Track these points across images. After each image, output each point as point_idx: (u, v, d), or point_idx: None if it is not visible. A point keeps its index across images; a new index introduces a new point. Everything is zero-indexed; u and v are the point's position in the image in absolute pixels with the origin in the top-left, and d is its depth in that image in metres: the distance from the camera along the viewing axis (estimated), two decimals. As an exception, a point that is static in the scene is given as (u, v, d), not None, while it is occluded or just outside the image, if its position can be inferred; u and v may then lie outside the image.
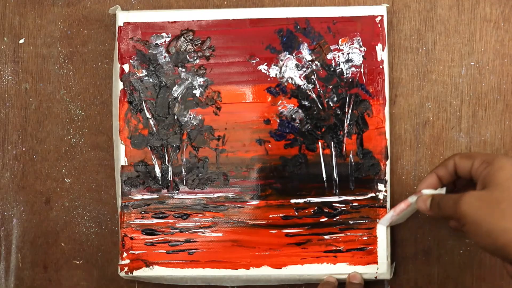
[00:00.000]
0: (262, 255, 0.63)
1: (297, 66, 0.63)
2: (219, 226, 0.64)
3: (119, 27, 0.64)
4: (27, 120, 0.67)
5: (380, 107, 0.63)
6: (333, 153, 0.63)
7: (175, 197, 0.64)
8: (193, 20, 0.64)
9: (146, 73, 0.64)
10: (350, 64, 0.63)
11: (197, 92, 0.64)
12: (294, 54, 0.63)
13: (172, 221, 0.64)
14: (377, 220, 0.62)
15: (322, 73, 0.63)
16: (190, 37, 0.64)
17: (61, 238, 0.67)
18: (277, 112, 0.64)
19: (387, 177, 0.63)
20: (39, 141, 0.67)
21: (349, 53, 0.63)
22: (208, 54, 0.64)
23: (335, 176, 0.63)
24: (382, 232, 0.63)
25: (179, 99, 0.64)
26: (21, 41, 0.67)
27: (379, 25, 0.63)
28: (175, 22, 0.64)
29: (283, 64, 0.63)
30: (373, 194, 0.63)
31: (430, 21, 0.65)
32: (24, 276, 0.67)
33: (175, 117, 0.64)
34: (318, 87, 0.63)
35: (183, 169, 0.64)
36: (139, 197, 0.64)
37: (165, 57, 0.64)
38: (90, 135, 0.67)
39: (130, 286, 0.66)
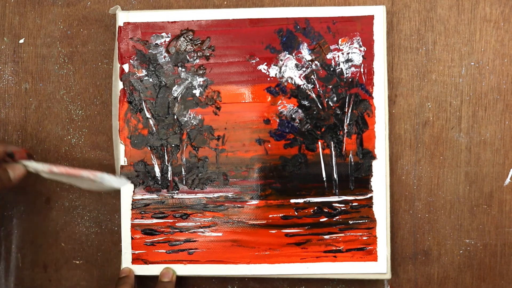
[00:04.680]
0: (262, 255, 0.63)
1: (297, 66, 0.63)
2: (219, 226, 0.64)
3: (119, 27, 0.64)
4: (27, 120, 0.67)
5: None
6: (333, 153, 0.63)
7: (175, 197, 0.64)
8: (193, 20, 0.64)
9: (146, 73, 0.64)
10: (350, 64, 0.63)
11: (196, 92, 0.64)
12: (294, 54, 0.63)
13: (172, 221, 0.64)
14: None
15: (322, 73, 0.63)
16: (190, 37, 0.64)
17: (61, 238, 0.67)
18: (277, 112, 0.64)
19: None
20: (39, 141, 0.67)
21: (349, 53, 0.63)
22: (208, 54, 0.64)
23: (335, 176, 0.63)
24: (382, 232, 0.63)
25: (178, 99, 0.64)
26: (21, 41, 0.67)
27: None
28: (175, 22, 0.64)
29: (283, 64, 0.63)
30: (372, 194, 0.63)
31: (430, 21, 0.65)
32: (24, 276, 0.67)
33: (175, 117, 0.64)
34: (318, 87, 0.63)
35: (183, 169, 0.64)
36: (138, 197, 0.64)
37: (165, 57, 0.64)
38: (90, 135, 0.67)
39: (130, 286, 0.66)
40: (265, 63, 0.64)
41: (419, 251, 0.65)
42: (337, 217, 0.63)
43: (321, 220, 0.63)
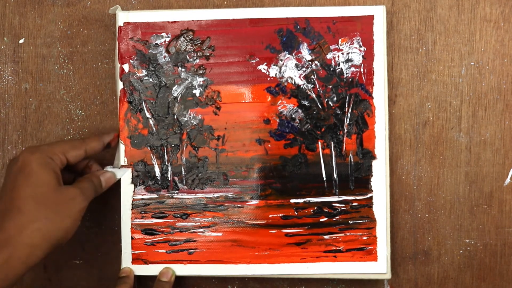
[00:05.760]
0: (262, 255, 0.63)
1: (297, 66, 0.63)
2: (219, 226, 0.64)
3: (119, 27, 0.64)
4: (27, 120, 0.67)
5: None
6: (333, 153, 0.63)
7: (174, 196, 0.64)
8: (193, 20, 0.64)
9: (146, 73, 0.64)
10: (350, 64, 0.63)
11: (196, 92, 0.64)
12: (294, 54, 0.63)
13: (172, 220, 0.64)
14: None
15: (322, 73, 0.63)
16: (190, 37, 0.64)
17: (61, 238, 0.67)
18: (277, 112, 0.64)
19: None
20: (39, 141, 0.67)
21: (349, 53, 0.63)
22: (208, 54, 0.64)
23: (335, 176, 0.63)
24: (382, 232, 0.63)
25: (178, 98, 0.64)
26: (21, 41, 0.67)
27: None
28: (175, 22, 0.64)
29: (282, 64, 0.63)
30: (372, 194, 0.63)
31: (430, 21, 0.65)
32: (24, 276, 0.67)
33: (175, 117, 0.64)
34: (318, 87, 0.63)
35: (182, 169, 0.64)
36: (138, 196, 0.64)
37: (165, 57, 0.64)
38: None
39: (129, 286, 0.66)
40: (265, 63, 0.64)
41: (419, 251, 0.65)
42: (337, 217, 0.63)
43: (321, 220, 0.63)
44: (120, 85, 0.64)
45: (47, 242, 0.54)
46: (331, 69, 0.63)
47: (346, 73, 0.63)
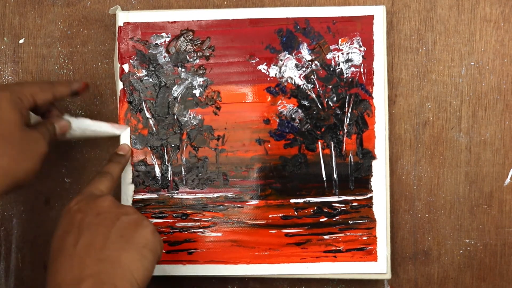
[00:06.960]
0: (262, 255, 0.63)
1: (296, 66, 0.63)
2: (219, 226, 0.64)
3: (119, 27, 0.64)
4: (27, 120, 0.67)
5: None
6: (333, 153, 0.63)
7: (174, 197, 0.64)
8: (193, 20, 0.64)
9: (146, 73, 0.64)
10: (350, 64, 0.63)
11: (196, 92, 0.64)
12: (293, 54, 0.63)
13: (171, 221, 0.64)
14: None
15: (321, 73, 0.63)
16: (190, 37, 0.64)
17: (61, 238, 0.67)
18: (277, 112, 0.64)
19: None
20: (39, 141, 0.67)
21: (348, 53, 0.63)
22: (208, 54, 0.64)
23: (335, 176, 0.63)
24: (382, 232, 0.63)
25: (178, 99, 0.64)
26: (21, 41, 0.67)
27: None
28: (175, 22, 0.64)
29: (282, 64, 0.63)
30: (372, 194, 0.63)
31: (430, 21, 0.65)
32: (24, 276, 0.67)
33: (175, 117, 0.64)
34: (317, 87, 0.63)
35: (182, 169, 0.64)
36: (138, 196, 0.64)
37: (165, 57, 0.64)
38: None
39: (129, 286, 0.66)
40: (265, 63, 0.64)
41: (419, 251, 0.65)
42: (337, 217, 0.63)
43: (321, 220, 0.63)
44: (120, 85, 0.64)
45: (8, 180, 0.53)
46: (331, 69, 0.63)
47: (346, 73, 0.63)
